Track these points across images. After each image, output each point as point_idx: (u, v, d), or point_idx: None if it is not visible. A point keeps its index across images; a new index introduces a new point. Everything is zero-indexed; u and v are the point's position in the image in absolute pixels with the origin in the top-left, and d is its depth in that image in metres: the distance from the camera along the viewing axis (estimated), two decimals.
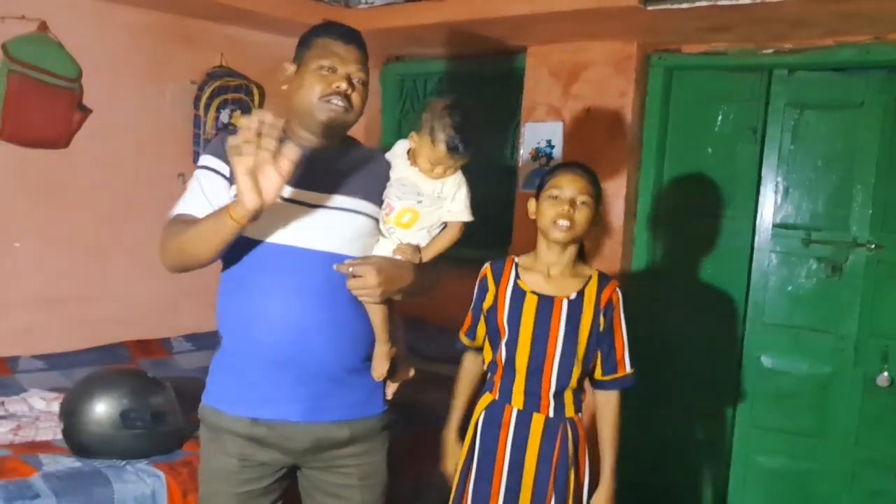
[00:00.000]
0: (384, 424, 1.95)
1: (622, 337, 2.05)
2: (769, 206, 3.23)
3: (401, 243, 1.83)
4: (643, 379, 3.39)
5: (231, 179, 1.75)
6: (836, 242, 3.11)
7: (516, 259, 2.11)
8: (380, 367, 1.87)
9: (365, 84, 1.85)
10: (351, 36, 1.85)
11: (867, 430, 3.06)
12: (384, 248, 1.84)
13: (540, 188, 2.05)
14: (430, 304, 1.97)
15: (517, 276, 2.07)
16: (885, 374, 3.00)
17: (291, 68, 1.87)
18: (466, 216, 1.86)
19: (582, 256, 2.11)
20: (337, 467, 1.88)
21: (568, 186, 1.98)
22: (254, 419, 1.80)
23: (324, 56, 1.80)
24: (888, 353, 3.01)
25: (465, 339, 2.18)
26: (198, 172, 1.83)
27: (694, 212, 3.39)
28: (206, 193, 1.78)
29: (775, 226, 3.22)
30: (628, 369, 2.06)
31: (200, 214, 1.71)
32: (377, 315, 1.82)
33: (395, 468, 1.98)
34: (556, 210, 1.97)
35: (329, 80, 1.79)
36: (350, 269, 1.75)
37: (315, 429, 1.82)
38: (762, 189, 3.24)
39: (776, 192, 3.22)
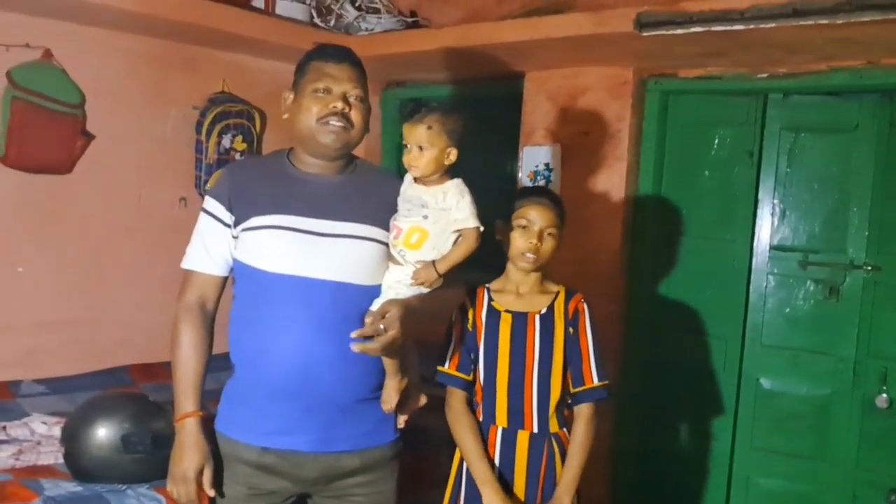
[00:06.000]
0: (394, 453, 1.95)
1: (588, 347, 2.08)
2: (766, 229, 3.25)
3: (416, 271, 1.81)
4: (643, 400, 3.43)
5: (231, 225, 1.83)
6: (834, 264, 3.12)
7: (487, 285, 2.17)
8: (389, 401, 1.87)
9: (363, 100, 1.86)
10: (343, 55, 1.86)
11: (867, 451, 3.05)
12: (394, 276, 1.84)
13: (508, 211, 2.10)
14: (430, 326, 1.98)
15: (490, 299, 2.13)
16: (884, 395, 3.00)
17: (290, 97, 1.89)
18: (472, 223, 1.83)
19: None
20: (347, 496, 1.88)
21: (537, 219, 2.06)
22: (264, 448, 1.81)
23: (318, 79, 1.82)
24: (887, 374, 3.01)
25: (460, 375, 2.11)
26: (202, 218, 1.88)
27: (691, 234, 3.41)
28: (208, 247, 1.86)
29: (772, 248, 3.24)
30: (596, 381, 2.07)
31: (203, 270, 1.86)
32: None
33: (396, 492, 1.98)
34: (524, 242, 2.06)
35: (325, 102, 1.81)
36: (381, 328, 1.72)
37: (325, 459, 1.83)
38: (759, 211, 3.26)
39: (773, 215, 3.24)
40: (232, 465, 1.84)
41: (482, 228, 1.86)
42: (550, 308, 2.10)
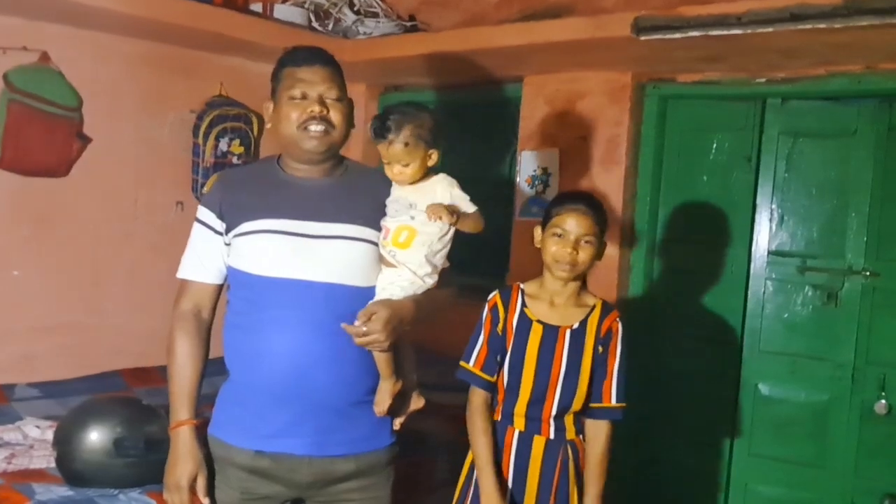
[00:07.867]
0: (390, 458, 1.94)
1: (614, 367, 2.05)
2: (764, 234, 3.24)
3: (430, 207, 1.80)
4: (641, 407, 3.41)
5: (223, 233, 1.84)
6: (832, 270, 3.11)
7: (522, 286, 2.11)
8: (382, 403, 1.85)
9: (340, 99, 1.85)
10: (313, 57, 1.85)
11: (866, 458, 3.04)
12: (387, 278, 1.83)
13: (546, 218, 2.04)
14: (427, 330, 1.97)
15: (524, 304, 2.07)
16: (883, 401, 2.98)
17: (270, 106, 1.90)
18: (471, 207, 1.85)
19: (584, 284, 2.12)
20: (341, 501, 1.87)
21: (574, 227, 1.98)
22: (258, 451, 1.80)
23: (292, 85, 1.82)
24: (885, 380, 3.00)
25: (483, 375, 2.06)
26: (195, 227, 1.90)
27: (689, 239, 3.40)
28: (201, 256, 1.88)
29: (771, 253, 3.23)
30: (614, 401, 2.05)
31: (198, 278, 1.87)
32: (380, 353, 1.81)
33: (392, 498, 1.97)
34: (559, 250, 1.99)
35: (303, 107, 1.81)
36: (363, 329, 1.73)
37: (320, 463, 1.82)
38: (757, 217, 3.25)
39: (771, 220, 3.23)
40: (225, 469, 1.83)
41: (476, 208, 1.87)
42: (583, 323, 2.04)
